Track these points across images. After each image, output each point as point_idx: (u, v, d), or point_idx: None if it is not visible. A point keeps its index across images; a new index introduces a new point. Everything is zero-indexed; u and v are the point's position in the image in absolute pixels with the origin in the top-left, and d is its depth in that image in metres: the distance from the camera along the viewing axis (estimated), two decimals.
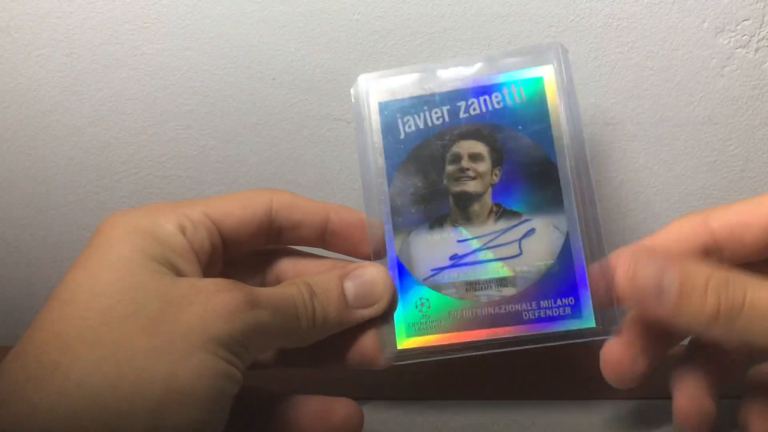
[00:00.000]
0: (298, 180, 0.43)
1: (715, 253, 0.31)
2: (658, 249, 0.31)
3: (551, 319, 0.32)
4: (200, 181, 0.43)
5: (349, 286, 0.31)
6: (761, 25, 0.39)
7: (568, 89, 0.34)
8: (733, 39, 0.40)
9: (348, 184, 0.43)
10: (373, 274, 0.32)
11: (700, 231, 0.31)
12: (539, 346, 0.32)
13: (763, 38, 0.39)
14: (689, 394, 0.30)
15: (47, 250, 0.45)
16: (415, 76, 0.35)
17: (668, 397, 0.33)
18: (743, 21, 0.39)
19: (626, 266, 0.29)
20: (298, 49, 0.41)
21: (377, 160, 0.34)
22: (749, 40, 0.40)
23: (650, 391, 0.35)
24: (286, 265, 0.34)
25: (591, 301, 0.32)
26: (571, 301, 0.32)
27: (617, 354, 0.31)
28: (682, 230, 0.31)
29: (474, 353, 0.32)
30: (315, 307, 0.30)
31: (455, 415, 0.34)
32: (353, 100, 0.35)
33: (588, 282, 0.32)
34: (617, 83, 0.40)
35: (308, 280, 0.30)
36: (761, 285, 0.27)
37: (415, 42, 0.40)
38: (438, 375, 0.37)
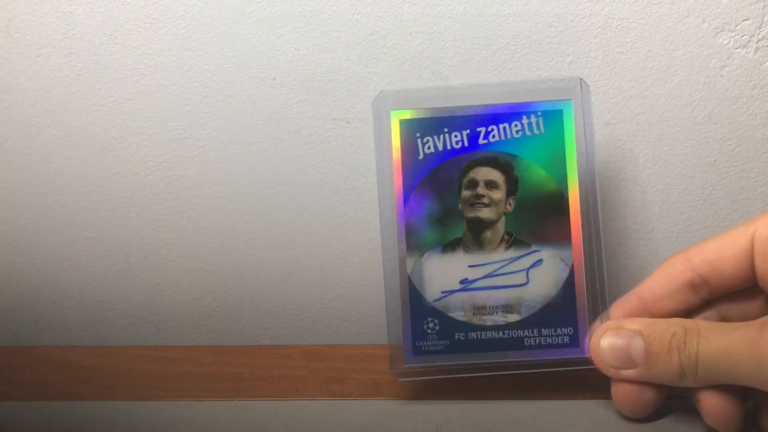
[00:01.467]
0: (298, 180, 0.43)
1: (702, 287, 0.32)
2: (645, 298, 0.33)
3: (551, 347, 0.34)
4: (200, 181, 0.43)
5: None
6: (761, 25, 0.39)
7: (586, 125, 0.34)
8: (732, 39, 0.40)
9: (348, 184, 0.43)
10: None
11: (684, 269, 0.32)
12: (538, 371, 0.34)
13: (762, 38, 0.39)
14: (717, 393, 0.31)
15: (47, 250, 0.45)
16: (437, 95, 0.35)
17: (668, 396, 0.33)
18: (743, 21, 0.39)
19: (596, 347, 0.32)
20: (298, 49, 0.41)
21: (395, 178, 0.34)
22: (749, 40, 0.40)
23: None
24: None
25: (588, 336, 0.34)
26: (570, 330, 0.34)
27: (627, 390, 0.32)
28: (668, 271, 0.33)
29: (476, 375, 0.34)
30: None
31: (455, 415, 0.34)
32: (372, 115, 0.35)
33: (587, 330, 0.34)
34: (617, 83, 0.40)
35: None
36: (711, 333, 0.29)
37: (415, 42, 0.40)
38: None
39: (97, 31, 0.41)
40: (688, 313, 0.33)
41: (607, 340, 0.32)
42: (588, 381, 0.36)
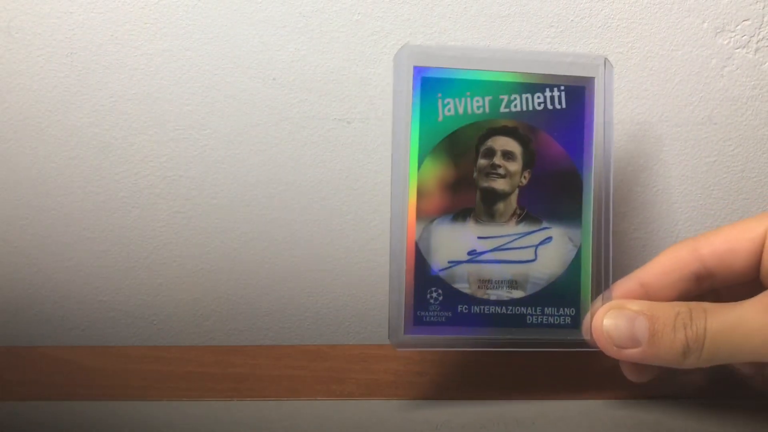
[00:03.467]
0: (298, 180, 0.43)
1: (706, 279, 0.32)
2: (647, 284, 0.33)
3: (552, 326, 0.33)
4: (200, 181, 0.43)
5: None
6: (761, 25, 0.39)
7: (607, 105, 0.34)
8: (732, 39, 0.40)
9: (348, 184, 0.43)
10: None
11: (690, 259, 0.32)
12: (537, 349, 0.33)
13: (762, 38, 0.39)
14: None
15: (47, 250, 0.45)
16: (462, 56, 0.33)
17: (669, 396, 0.33)
18: (743, 21, 0.39)
19: (599, 326, 0.32)
20: (298, 49, 0.41)
21: (411, 138, 0.33)
22: (749, 41, 0.40)
23: (650, 391, 0.35)
24: None
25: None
26: (573, 311, 0.33)
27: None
28: (673, 260, 0.33)
29: (476, 348, 0.33)
30: None
31: (455, 415, 0.34)
32: (393, 69, 0.33)
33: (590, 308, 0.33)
34: (617, 83, 0.40)
35: None
36: (719, 311, 0.29)
37: (415, 42, 0.40)
38: (438, 375, 0.37)
39: (98, 31, 0.41)
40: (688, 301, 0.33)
41: (610, 318, 0.31)
42: (588, 381, 0.36)
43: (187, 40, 0.41)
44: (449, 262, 0.33)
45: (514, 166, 0.34)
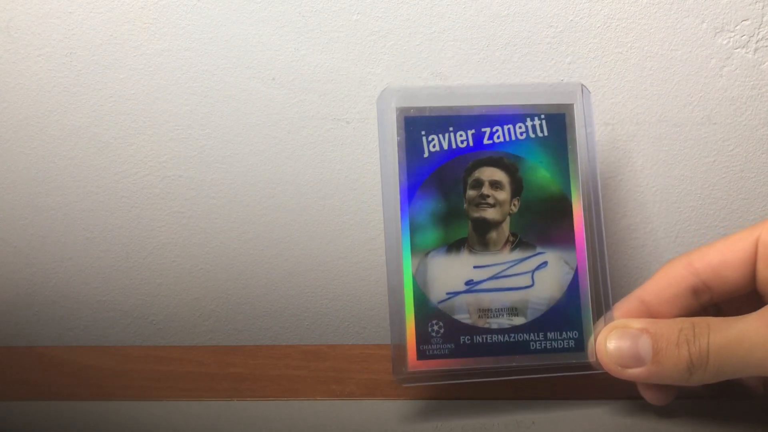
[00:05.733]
0: (298, 180, 0.43)
1: (704, 293, 0.32)
2: (647, 301, 0.33)
3: (556, 350, 0.34)
4: (200, 181, 0.43)
5: None
6: (760, 25, 0.39)
7: (587, 129, 0.35)
8: (732, 39, 0.40)
9: (348, 184, 0.43)
10: None
11: (686, 274, 0.32)
12: (544, 376, 0.33)
13: (762, 38, 0.40)
14: None
15: (47, 250, 0.45)
16: (441, 94, 0.35)
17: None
18: (742, 21, 0.39)
19: (603, 347, 0.32)
20: (298, 49, 0.41)
21: (399, 175, 0.34)
22: (748, 41, 0.40)
23: None
24: None
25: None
26: (575, 334, 0.34)
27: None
28: (669, 276, 0.33)
29: (482, 379, 0.33)
30: None
31: (455, 415, 0.34)
32: (377, 111, 0.34)
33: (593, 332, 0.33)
34: (616, 83, 0.41)
35: None
36: (722, 324, 0.29)
37: (415, 42, 0.40)
38: None
39: (97, 31, 0.41)
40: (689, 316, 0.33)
41: (614, 338, 0.31)
42: (588, 382, 0.36)
43: (186, 39, 0.41)
44: (447, 293, 0.34)
45: (503, 195, 0.34)
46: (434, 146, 0.34)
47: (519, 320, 0.34)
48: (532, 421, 0.33)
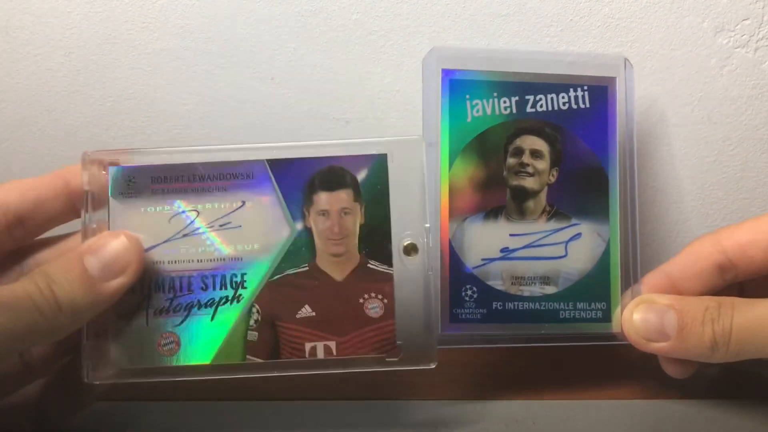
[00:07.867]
0: None
1: (730, 270, 0.33)
2: (673, 277, 0.33)
3: (584, 320, 0.34)
4: None
5: (92, 261, 0.29)
6: (760, 24, 0.39)
7: (629, 103, 0.35)
8: (732, 39, 0.40)
9: None
10: (114, 242, 0.30)
11: (713, 251, 0.33)
12: (571, 344, 0.34)
13: (762, 38, 0.39)
14: None
15: None
16: (487, 57, 0.34)
17: (669, 397, 0.33)
18: (743, 21, 0.39)
19: (629, 320, 0.32)
20: (297, 48, 0.41)
21: (442, 139, 0.34)
22: (748, 40, 0.40)
23: (650, 391, 0.35)
24: (42, 257, 0.33)
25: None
26: (604, 305, 0.34)
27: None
28: (696, 253, 0.33)
29: (512, 345, 0.34)
30: (56, 293, 0.28)
31: (455, 415, 0.34)
32: (422, 71, 0.34)
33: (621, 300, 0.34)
34: None
35: (45, 268, 0.28)
36: (746, 306, 0.30)
37: (415, 42, 0.40)
38: (437, 375, 0.37)
39: (96, 30, 0.41)
40: (714, 294, 0.33)
41: (640, 312, 0.32)
42: (588, 382, 0.36)
43: (186, 39, 0.41)
44: (483, 259, 0.34)
45: (543, 165, 0.34)
46: (478, 111, 0.34)
47: (551, 289, 0.34)
48: (532, 421, 0.34)
